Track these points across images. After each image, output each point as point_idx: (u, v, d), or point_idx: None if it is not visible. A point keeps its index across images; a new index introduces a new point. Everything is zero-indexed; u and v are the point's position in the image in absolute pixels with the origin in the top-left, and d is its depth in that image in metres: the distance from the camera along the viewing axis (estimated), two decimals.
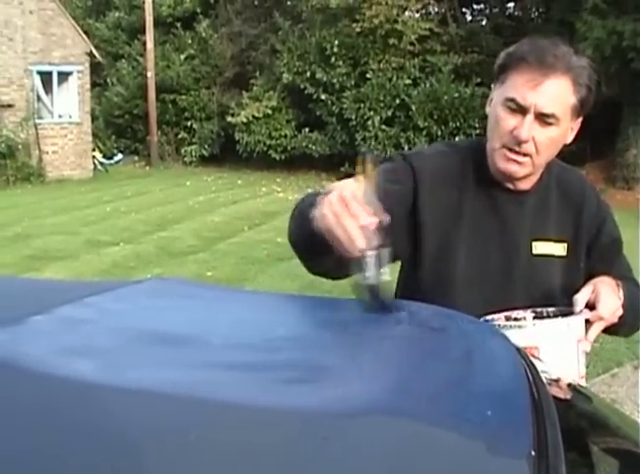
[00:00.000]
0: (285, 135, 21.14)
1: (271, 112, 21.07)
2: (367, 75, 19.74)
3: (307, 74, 20.17)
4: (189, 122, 23.53)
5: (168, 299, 1.47)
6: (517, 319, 1.79)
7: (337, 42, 19.72)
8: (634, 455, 1.25)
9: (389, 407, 0.95)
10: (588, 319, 1.77)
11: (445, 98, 18.77)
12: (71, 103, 20.60)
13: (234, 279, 8.46)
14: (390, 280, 1.36)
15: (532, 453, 0.89)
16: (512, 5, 22.21)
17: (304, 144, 20.83)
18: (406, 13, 20.05)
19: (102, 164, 21.85)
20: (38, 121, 19.66)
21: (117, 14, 25.91)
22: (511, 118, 1.75)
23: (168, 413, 0.89)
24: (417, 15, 20.66)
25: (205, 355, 1.11)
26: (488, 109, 1.85)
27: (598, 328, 1.79)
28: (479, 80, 18.58)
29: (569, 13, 16.64)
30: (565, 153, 1.92)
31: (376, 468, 0.82)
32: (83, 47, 20.56)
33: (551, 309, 1.83)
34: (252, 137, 21.21)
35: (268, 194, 17.13)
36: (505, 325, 1.74)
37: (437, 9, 21.16)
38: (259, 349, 1.16)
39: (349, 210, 1.36)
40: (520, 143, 1.75)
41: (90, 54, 20.72)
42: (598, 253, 1.95)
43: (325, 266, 1.61)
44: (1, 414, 0.88)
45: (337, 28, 20.08)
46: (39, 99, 19.92)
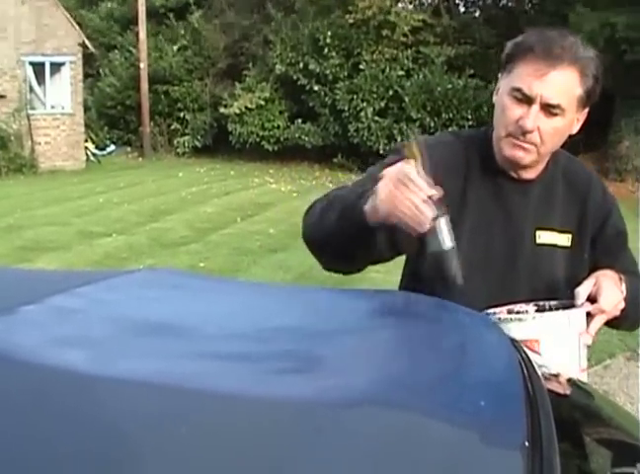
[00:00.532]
0: (278, 126, 21.08)
1: (263, 103, 21.01)
2: (360, 66, 19.70)
3: (300, 65, 20.12)
4: (181, 113, 23.43)
5: (160, 290, 1.46)
6: (519, 312, 1.78)
7: (330, 34, 19.66)
8: (628, 446, 1.25)
9: (383, 397, 0.94)
10: (589, 312, 1.76)
11: (439, 89, 18.75)
12: (64, 94, 20.47)
13: (227, 271, 8.43)
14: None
15: (526, 444, 0.89)
16: None
17: (297, 135, 20.77)
18: (399, 4, 20.04)
19: (94, 155, 21.74)
20: (30, 112, 19.53)
21: (109, 4, 25.77)
22: (517, 107, 1.75)
23: (160, 403, 0.89)
24: (410, 6, 20.65)
25: (198, 346, 1.11)
26: (495, 97, 1.85)
27: (599, 321, 1.78)
28: (472, 72, 18.61)
29: (562, 5, 16.64)
30: None
31: (369, 458, 0.82)
32: (75, 38, 20.44)
33: (553, 302, 1.82)
34: (245, 128, 21.14)
35: (260, 185, 17.08)
36: (506, 318, 1.73)
37: (430, 0, 21.13)
38: (251, 339, 1.15)
39: (409, 188, 1.53)
40: (526, 133, 1.75)
41: (82, 45, 20.59)
42: (602, 245, 1.94)
43: (354, 255, 1.77)
44: None
45: (330, 19, 20.03)
46: (31, 90, 19.79)
